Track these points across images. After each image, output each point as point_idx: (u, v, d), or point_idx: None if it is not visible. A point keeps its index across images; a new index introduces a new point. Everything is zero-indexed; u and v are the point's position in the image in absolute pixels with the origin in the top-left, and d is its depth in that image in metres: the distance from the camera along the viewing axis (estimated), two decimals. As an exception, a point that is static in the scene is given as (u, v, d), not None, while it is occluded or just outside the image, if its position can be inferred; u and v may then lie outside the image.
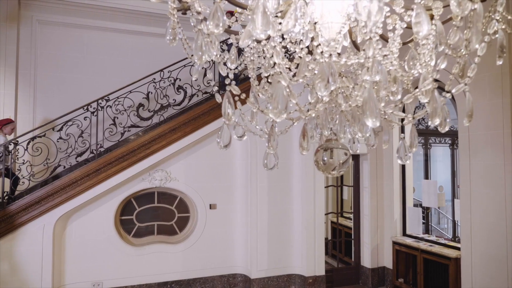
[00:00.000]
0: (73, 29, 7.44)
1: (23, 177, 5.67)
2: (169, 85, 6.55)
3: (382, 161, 7.50)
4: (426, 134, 8.24)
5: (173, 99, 6.61)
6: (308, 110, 1.46)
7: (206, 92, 6.89)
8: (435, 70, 1.23)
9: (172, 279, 6.55)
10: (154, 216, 6.78)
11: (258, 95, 1.58)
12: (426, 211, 8.03)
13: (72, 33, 7.45)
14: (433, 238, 6.82)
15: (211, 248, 6.80)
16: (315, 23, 1.42)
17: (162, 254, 6.52)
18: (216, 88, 1.61)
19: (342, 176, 8.46)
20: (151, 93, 6.40)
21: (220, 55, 1.37)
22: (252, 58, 1.49)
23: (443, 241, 6.54)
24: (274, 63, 1.30)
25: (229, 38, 1.80)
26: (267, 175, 6.85)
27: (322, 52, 1.20)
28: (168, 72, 6.49)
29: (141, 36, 7.78)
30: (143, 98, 6.38)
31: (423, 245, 6.45)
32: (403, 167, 7.36)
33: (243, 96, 1.68)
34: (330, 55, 1.20)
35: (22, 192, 5.85)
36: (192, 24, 1.66)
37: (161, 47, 7.71)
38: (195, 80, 1.60)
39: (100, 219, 6.18)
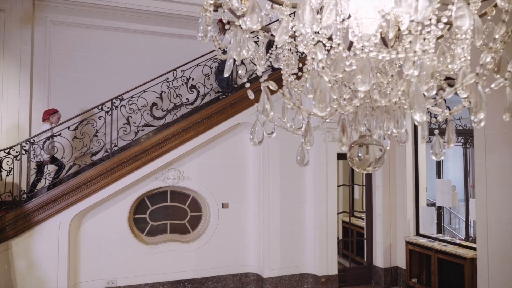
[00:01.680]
0: (86, 29, 7.50)
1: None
2: (182, 84, 6.58)
3: (395, 160, 7.46)
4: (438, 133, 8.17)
5: (186, 98, 6.64)
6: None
7: (218, 91, 6.90)
8: (480, 65, 1.22)
9: (185, 277, 6.58)
10: (166, 214, 6.81)
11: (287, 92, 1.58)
12: (438, 211, 7.98)
13: (85, 33, 7.51)
14: (447, 238, 6.77)
15: (224, 247, 6.81)
16: (348, 17, 1.42)
17: (175, 252, 6.55)
18: (248, 85, 1.61)
19: (353, 175, 8.42)
20: (164, 92, 6.43)
21: (255, 51, 1.37)
22: (287, 54, 1.49)
23: (457, 241, 6.49)
24: (313, 58, 1.30)
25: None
26: (280, 174, 6.85)
27: (362, 47, 1.19)
28: (181, 72, 6.51)
29: (152, 36, 7.82)
30: (156, 97, 6.42)
31: (437, 245, 6.40)
32: (416, 166, 7.31)
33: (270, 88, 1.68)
34: (370, 50, 1.20)
35: (38, 190, 5.90)
36: (224, 21, 1.67)
37: (173, 47, 7.76)
38: (231, 75, 1.61)
39: (114, 217, 6.22)
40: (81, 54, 7.45)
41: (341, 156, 7.17)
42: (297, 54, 2.37)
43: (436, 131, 1.49)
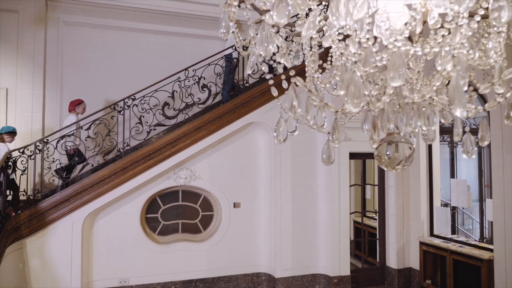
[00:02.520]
0: (98, 29, 7.53)
1: (53, 175, 5.75)
2: (194, 83, 6.57)
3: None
4: (452, 132, 8.04)
5: (198, 98, 6.63)
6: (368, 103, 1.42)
7: (230, 90, 6.88)
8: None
9: (197, 277, 6.56)
10: (178, 214, 6.80)
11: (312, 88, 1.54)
12: (452, 211, 7.86)
13: (97, 33, 7.54)
14: (462, 238, 6.67)
15: (235, 246, 6.79)
16: (375, 12, 1.38)
17: (186, 252, 6.54)
18: (272, 82, 1.58)
19: (365, 175, 8.34)
20: (176, 91, 6.42)
21: (282, 47, 1.34)
22: (311, 50, 1.45)
23: (473, 242, 6.38)
24: (342, 53, 1.26)
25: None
26: (291, 173, 6.81)
27: (395, 40, 1.15)
28: (193, 71, 6.50)
29: (164, 35, 7.83)
30: (168, 96, 6.41)
31: (452, 246, 6.30)
32: (430, 166, 7.21)
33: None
34: (403, 44, 1.15)
35: (52, 190, 5.93)
36: (247, 17, 1.64)
37: (184, 46, 7.77)
38: (253, 72, 1.57)
39: (126, 217, 6.23)
40: (93, 54, 7.49)
41: (353, 156, 7.10)
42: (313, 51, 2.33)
43: (467, 128, 1.43)
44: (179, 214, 6.80)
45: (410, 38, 1.60)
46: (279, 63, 1.85)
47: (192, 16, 7.84)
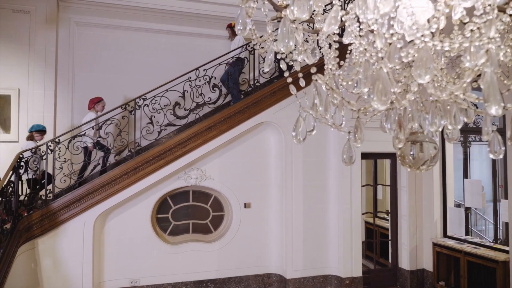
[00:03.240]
0: (109, 29, 7.55)
1: (65, 175, 5.77)
2: (204, 83, 6.55)
3: (420, 160, 7.26)
4: (466, 132, 7.91)
5: (209, 97, 6.60)
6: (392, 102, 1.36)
7: (241, 90, 6.84)
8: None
9: (208, 277, 6.54)
10: (188, 214, 6.79)
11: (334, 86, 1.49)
12: (466, 212, 7.73)
13: (108, 33, 7.56)
14: (476, 240, 6.55)
15: (246, 247, 6.75)
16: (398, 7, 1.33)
17: (197, 252, 6.52)
18: (290, 79, 1.54)
19: (376, 175, 8.25)
20: (187, 91, 6.40)
21: (303, 43, 1.29)
22: (328, 46, 1.40)
23: (488, 243, 6.27)
24: (365, 49, 1.22)
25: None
26: (303, 173, 6.75)
27: (422, 35, 1.10)
28: (203, 71, 6.48)
29: (174, 35, 7.83)
30: (179, 96, 6.40)
31: (466, 247, 6.19)
32: (443, 166, 7.10)
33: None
34: (432, 39, 1.10)
35: (64, 189, 5.95)
36: (264, 13, 1.60)
37: (195, 46, 7.75)
38: (266, 72, 1.53)
39: (137, 217, 6.23)
40: (104, 54, 7.51)
41: (365, 156, 7.02)
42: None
43: (494, 127, 1.38)
44: (189, 214, 6.79)
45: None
46: (295, 60, 1.81)
47: (203, 15, 7.83)
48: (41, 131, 6.14)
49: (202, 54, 7.66)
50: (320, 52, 1.85)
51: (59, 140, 5.76)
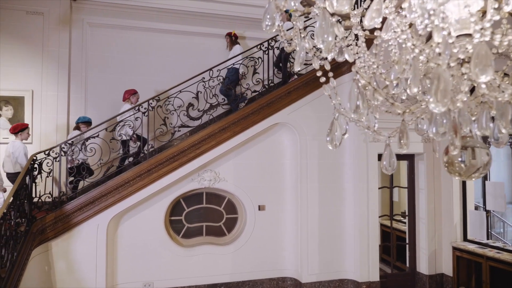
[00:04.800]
0: (121, 30, 7.51)
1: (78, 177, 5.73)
2: (218, 84, 6.46)
3: (439, 161, 7.06)
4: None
5: (222, 98, 6.50)
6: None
7: (255, 91, 6.73)
8: None
9: (222, 281, 6.44)
10: (201, 216, 6.69)
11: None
12: (486, 215, 7.50)
13: (121, 34, 7.52)
14: (499, 244, 6.33)
15: (260, 250, 6.63)
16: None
17: (211, 255, 6.42)
18: (324, 79, 1.42)
19: (392, 177, 8.06)
20: (200, 92, 6.31)
21: (341, 39, 1.17)
22: (376, 42, 1.27)
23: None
24: (413, 45, 1.09)
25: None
26: (318, 175, 6.61)
27: (482, 29, 0.97)
28: (217, 71, 6.38)
29: (187, 35, 7.75)
30: (192, 97, 6.31)
31: (489, 252, 5.99)
32: (463, 167, 6.89)
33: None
34: (493, 33, 0.97)
35: (77, 192, 5.91)
36: (293, 6, 1.48)
37: (209, 46, 7.67)
38: (299, 71, 1.42)
39: (150, 219, 6.16)
40: (116, 55, 7.47)
41: (381, 157, 6.84)
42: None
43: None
44: (203, 216, 6.69)
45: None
46: (325, 58, 1.68)
47: (215, 15, 7.74)
48: (87, 122, 6.33)
49: (215, 55, 7.57)
50: (349, 48, 1.72)
51: (72, 142, 5.71)
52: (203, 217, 6.69)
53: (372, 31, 1.54)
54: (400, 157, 7.31)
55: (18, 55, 6.82)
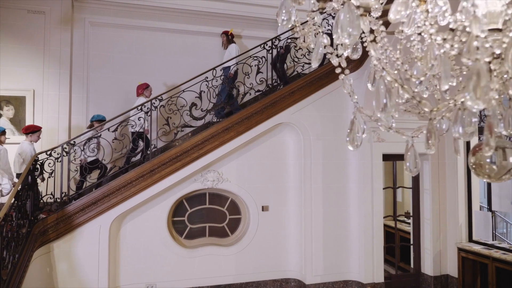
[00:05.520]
0: (124, 30, 7.45)
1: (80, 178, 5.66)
2: (222, 83, 6.38)
3: (444, 161, 7.01)
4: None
5: (226, 97, 6.42)
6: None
7: (259, 90, 6.67)
8: None
9: (225, 282, 6.38)
10: (204, 217, 6.63)
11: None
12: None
13: (123, 34, 7.46)
14: (505, 245, 6.27)
15: (264, 251, 6.57)
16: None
17: (214, 256, 6.36)
18: (342, 76, 1.36)
19: (396, 177, 7.99)
20: (204, 92, 6.24)
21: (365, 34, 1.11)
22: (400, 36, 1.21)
23: (519, 249, 5.99)
24: (444, 39, 1.03)
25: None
26: (322, 175, 6.55)
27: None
28: (220, 70, 6.32)
29: (190, 35, 7.69)
30: (195, 97, 6.24)
31: (495, 253, 5.93)
32: (468, 167, 6.82)
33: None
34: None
35: (79, 192, 5.84)
36: (312, 1, 1.42)
37: (211, 46, 7.60)
38: (311, 66, 1.36)
39: (153, 220, 6.10)
40: (119, 55, 7.41)
41: (386, 157, 6.78)
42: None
43: None
44: (206, 217, 6.63)
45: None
46: (339, 56, 1.62)
47: (218, 14, 7.68)
48: (101, 120, 6.25)
49: (218, 54, 7.52)
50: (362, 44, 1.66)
51: (74, 142, 5.65)
52: (206, 217, 6.63)
53: (386, 24, 1.48)
54: (403, 157, 7.24)
55: (19, 55, 6.76)
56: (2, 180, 5.01)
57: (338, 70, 1.33)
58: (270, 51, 6.55)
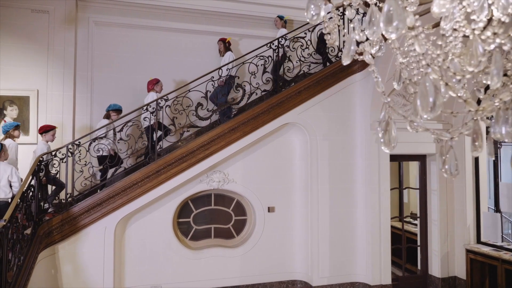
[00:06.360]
0: (128, 29, 7.38)
1: (85, 179, 5.60)
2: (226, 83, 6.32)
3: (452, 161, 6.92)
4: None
5: (232, 98, 6.37)
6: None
7: (265, 90, 6.60)
8: None
9: (230, 284, 6.31)
10: (210, 218, 6.57)
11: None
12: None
13: (127, 33, 7.39)
14: (514, 246, 6.20)
15: (270, 253, 6.50)
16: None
17: (220, 258, 6.29)
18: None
19: (402, 178, 7.92)
20: (210, 91, 6.17)
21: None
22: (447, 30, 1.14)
23: (528, 251, 5.92)
24: (495, 34, 0.96)
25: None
26: (328, 176, 6.49)
27: None
28: (227, 70, 6.25)
29: (195, 34, 7.62)
30: (201, 97, 6.17)
31: (504, 255, 5.86)
32: (476, 168, 6.77)
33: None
34: None
35: (84, 193, 5.78)
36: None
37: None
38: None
39: (158, 221, 6.04)
40: (123, 54, 7.34)
41: (393, 158, 6.72)
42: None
43: None
44: (211, 218, 6.57)
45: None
46: (360, 54, 1.56)
47: (223, 14, 7.62)
48: (118, 110, 6.24)
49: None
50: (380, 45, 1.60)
51: (79, 142, 5.58)
52: (212, 219, 6.56)
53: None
54: (411, 157, 7.18)
55: (23, 54, 6.69)
56: (13, 177, 4.95)
57: (371, 68, 1.26)
58: (276, 51, 6.48)
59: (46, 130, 5.77)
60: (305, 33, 6.63)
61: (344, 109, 6.61)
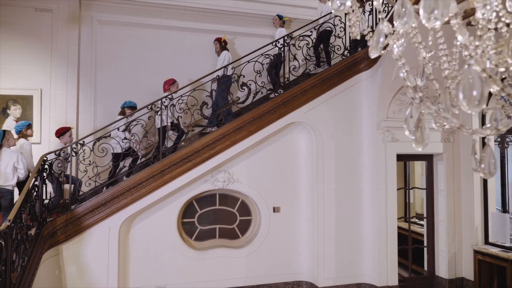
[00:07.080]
0: (132, 28, 7.33)
1: (90, 178, 5.54)
2: (233, 82, 6.26)
3: (459, 161, 6.86)
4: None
5: (237, 97, 6.31)
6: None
7: (270, 89, 6.53)
8: None
9: (235, 285, 6.25)
10: (215, 218, 6.51)
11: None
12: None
13: (131, 32, 7.34)
14: (523, 247, 6.11)
15: (275, 253, 6.44)
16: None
17: (224, 259, 6.23)
18: (397, 58, 1.22)
19: (408, 178, 7.84)
20: (214, 90, 6.11)
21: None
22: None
23: (538, 252, 5.83)
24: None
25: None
26: (335, 176, 6.42)
27: None
28: (232, 69, 6.18)
29: (200, 33, 7.57)
30: (206, 96, 6.12)
31: (514, 256, 5.77)
32: (484, 168, 6.67)
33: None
34: None
35: (88, 193, 5.72)
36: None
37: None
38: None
39: (163, 222, 5.98)
40: (127, 53, 7.29)
41: (399, 157, 6.64)
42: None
43: None
44: (216, 218, 6.51)
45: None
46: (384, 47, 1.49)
47: (228, 13, 7.56)
48: (133, 107, 6.25)
49: (230, 52, 7.37)
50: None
51: (83, 142, 5.52)
52: (216, 219, 6.50)
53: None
54: (418, 157, 7.11)
55: (26, 53, 6.65)
56: (19, 164, 5.04)
57: (400, 63, 1.19)
58: (282, 49, 6.41)
59: (62, 132, 5.80)
60: (311, 31, 6.57)
61: (350, 108, 6.54)
